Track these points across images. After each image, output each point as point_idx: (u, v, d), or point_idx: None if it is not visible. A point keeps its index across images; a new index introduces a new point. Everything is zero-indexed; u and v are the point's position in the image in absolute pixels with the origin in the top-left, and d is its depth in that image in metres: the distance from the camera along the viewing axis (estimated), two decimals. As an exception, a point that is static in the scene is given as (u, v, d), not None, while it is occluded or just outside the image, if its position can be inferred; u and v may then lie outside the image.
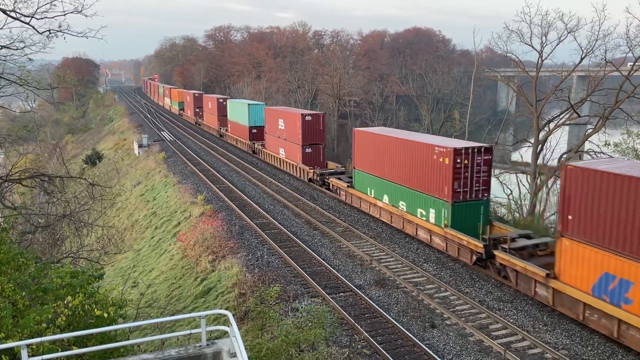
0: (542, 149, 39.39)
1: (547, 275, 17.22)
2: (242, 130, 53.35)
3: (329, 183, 34.91)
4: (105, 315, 10.29)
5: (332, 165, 38.68)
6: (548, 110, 48.71)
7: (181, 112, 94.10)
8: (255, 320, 17.29)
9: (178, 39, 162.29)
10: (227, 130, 60.30)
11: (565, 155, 39.50)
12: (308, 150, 38.54)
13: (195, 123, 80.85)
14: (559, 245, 16.82)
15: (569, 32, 38.40)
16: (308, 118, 38.36)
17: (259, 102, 54.96)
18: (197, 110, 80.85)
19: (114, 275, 31.05)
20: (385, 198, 27.57)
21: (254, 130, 50.54)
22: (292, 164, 40.59)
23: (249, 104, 50.65)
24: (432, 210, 23.66)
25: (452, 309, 17.98)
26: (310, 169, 37.52)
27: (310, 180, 37.70)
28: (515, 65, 45.36)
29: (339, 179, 33.64)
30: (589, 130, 38.79)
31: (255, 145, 49.89)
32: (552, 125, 41.23)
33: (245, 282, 20.75)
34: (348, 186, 31.61)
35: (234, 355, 8.62)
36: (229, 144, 59.55)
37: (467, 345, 15.65)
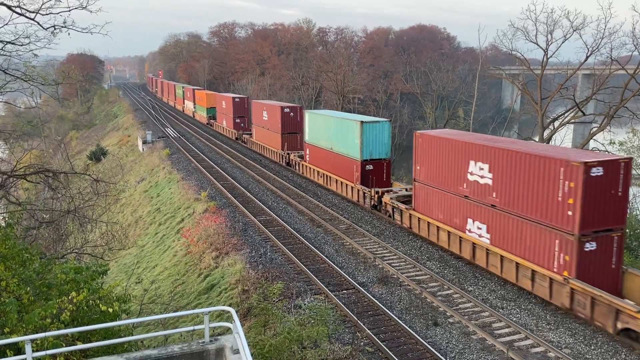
0: (546, 147, 39.20)
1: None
2: (343, 165, 32.66)
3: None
4: (110, 310, 10.33)
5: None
6: (553, 109, 48.61)
7: (211, 121, 72.95)
8: (258, 317, 17.32)
9: (182, 35, 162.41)
10: (300, 157, 40.78)
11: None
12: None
13: (237, 139, 59.67)
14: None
15: (574, 30, 38.27)
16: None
17: (378, 119, 32.30)
18: (239, 121, 59.93)
19: (118, 271, 31.17)
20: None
21: (368, 167, 30.53)
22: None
23: (361, 122, 30.12)
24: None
25: (455, 307, 17.97)
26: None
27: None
28: (520, 63, 45.20)
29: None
30: (594, 129, 38.65)
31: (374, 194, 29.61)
32: (556, 123, 41.11)
33: (248, 278, 20.79)
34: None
35: (236, 351, 8.64)
36: (312, 182, 37.89)
37: (470, 344, 15.65)
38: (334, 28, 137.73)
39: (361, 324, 16.64)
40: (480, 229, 20.83)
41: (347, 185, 32.31)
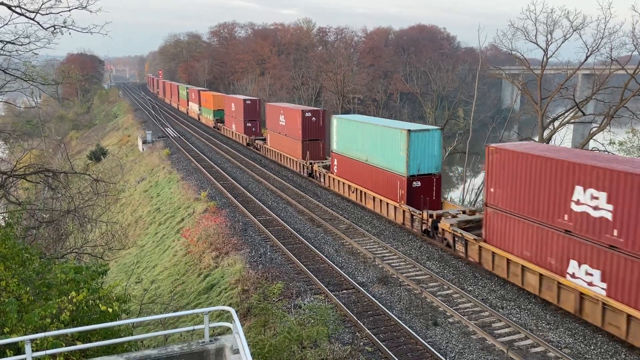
0: (546, 147, 39.22)
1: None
2: (382, 181, 28.11)
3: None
4: (110, 310, 10.33)
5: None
6: (553, 109, 48.63)
7: (219, 124, 68.17)
8: (258, 317, 17.33)
9: (182, 35, 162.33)
10: (326, 169, 36.18)
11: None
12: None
13: (248, 144, 54.93)
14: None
15: (574, 30, 38.28)
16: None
17: (427, 127, 28.14)
18: (250, 125, 55.34)
19: (118, 271, 31.17)
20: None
21: (416, 184, 26.11)
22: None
23: (408, 131, 25.53)
24: None
25: (454, 307, 17.97)
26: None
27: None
28: (520, 63, 45.21)
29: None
30: (594, 129, 38.67)
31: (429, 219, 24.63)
32: (556, 123, 41.12)
33: (248, 278, 20.80)
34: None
35: (236, 351, 8.64)
36: (341, 198, 33.01)
37: (470, 343, 15.65)
38: (333, 28, 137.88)
39: (361, 323, 16.64)
40: (590, 275, 16.15)
41: (388, 204, 27.38)
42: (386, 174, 27.59)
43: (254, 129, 55.36)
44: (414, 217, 25.29)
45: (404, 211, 26.15)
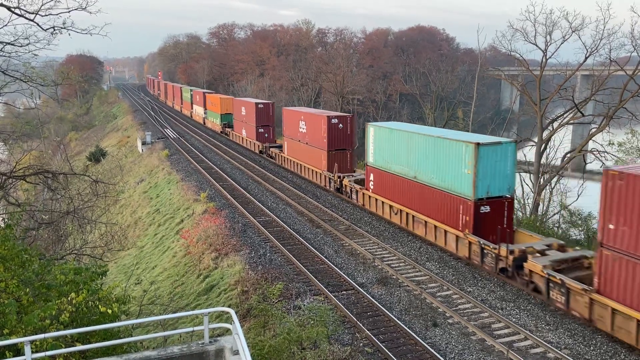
0: (545, 148, 39.36)
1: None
2: (437, 203, 23.43)
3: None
4: (109, 312, 10.33)
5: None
6: (552, 110, 48.66)
7: (227, 130, 63.44)
8: (257, 318, 17.33)
9: (182, 36, 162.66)
10: (360, 184, 31.28)
11: (569, 155, 39.43)
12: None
13: (261, 152, 49.75)
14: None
15: (573, 31, 38.34)
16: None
17: (498, 139, 22.97)
18: (263, 131, 50.19)
19: (117, 272, 31.15)
20: None
21: (484, 209, 21.34)
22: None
23: (477, 144, 20.91)
24: None
25: (454, 308, 17.98)
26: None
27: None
28: (519, 64, 45.28)
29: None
30: (593, 130, 38.72)
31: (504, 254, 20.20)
32: (555, 124, 41.16)
33: (247, 279, 20.79)
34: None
35: (236, 352, 8.65)
36: (378, 218, 28.67)
37: (469, 344, 15.65)
38: (333, 29, 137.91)
39: (360, 324, 16.64)
40: None
41: (446, 232, 22.60)
42: (443, 195, 22.66)
43: (266, 135, 50.35)
44: (486, 251, 20.34)
45: (470, 243, 21.05)
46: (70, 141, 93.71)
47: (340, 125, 34.75)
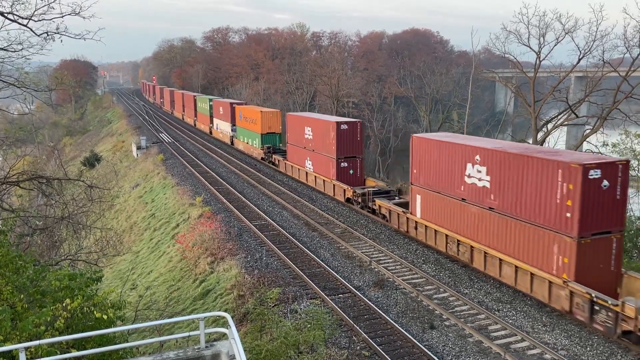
0: (540, 149, 39.38)
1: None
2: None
3: None
4: (104, 317, 10.27)
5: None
6: (546, 111, 48.84)
7: (274, 157, 44.92)
8: (254, 322, 17.27)
9: (176, 40, 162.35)
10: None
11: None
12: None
13: (349, 201, 32.02)
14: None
15: (566, 33, 38.52)
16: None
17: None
18: (347, 165, 33.33)
19: (113, 278, 31.01)
20: None
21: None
22: None
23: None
24: None
25: (451, 310, 17.97)
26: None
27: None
28: (513, 66, 45.45)
29: None
30: (587, 131, 38.88)
31: None
32: (550, 125, 41.32)
33: (244, 283, 20.74)
34: None
35: (232, 357, 8.60)
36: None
37: (467, 346, 15.65)
38: (327, 32, 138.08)
39: (357, 327, 16.61)
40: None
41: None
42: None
43: (352, 172, 33.64)
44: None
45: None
46: (65, 146, 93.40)
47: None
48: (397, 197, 29.20)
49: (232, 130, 58.15)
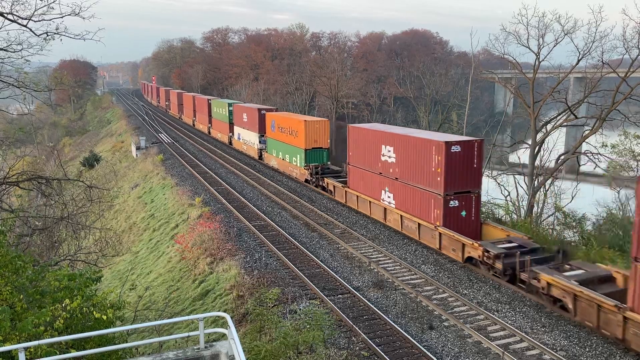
0: (539, 150, 39.46)
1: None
2: None
3: None
4: (104, 317, 10.28)
5: None
6: (545, 112, 48.84)
7: (326, 180, 35.13)
8: (253, 323, 17.28)
9: (176, 41, 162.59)
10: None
11: (562, 157, 39.60)
12: None
13: (464, 260, 22.51)
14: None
15: (565, 34, 38.51)
16: None
17: None
18: (457, 203, 23.39)
19: (112, 278, 31.01)
20: None
21: None
22: None
23: None
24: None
25: (450, 311, 17.98)
26: None
27: None
28: (512, 66, 45.43)
29: None
30: (586, 132, 38.88)
31: None
32: (549, 126, 41.31)
33: (243, 284, 20.74)
34: None
35: (232, 357, 8.61)
36: None
37: (466, 347, 15.66)
38: (327, 33, 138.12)
39: (357, 328, 16.61)
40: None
41: None
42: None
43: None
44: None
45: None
46: (64, 146, 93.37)
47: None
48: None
49: (259, 142, 48.48)
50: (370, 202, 28.92)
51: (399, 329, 16.54)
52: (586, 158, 37.21)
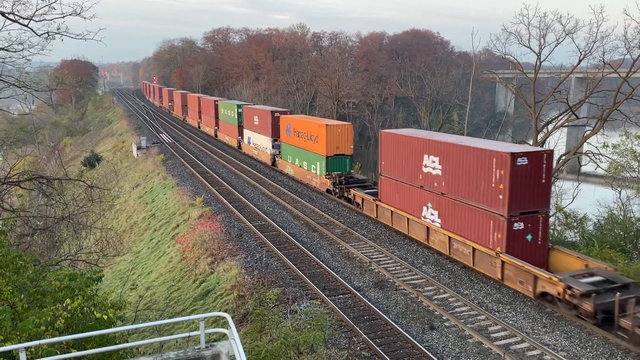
0: (540, 150, 39.37)
1: None
2: None
3: None
4: (105, 317, 10.28)
5: None
6: (546, 112, 48.86)
7: (353, 191, 31.37)
8: (254, 323, 17.28)
9: (177, 41, 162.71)
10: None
11: (564, 157, 39.59)
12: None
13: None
14: None
15: (567, 34, 38.52)
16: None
17: None
18: (522, 225, 19.62)
19: (113, 278, 31.02)
20: None
21: None
22: None
23: None
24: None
25: (451, 311, 17.97)
26: None
27: None
28: (513, 67, 45.45)
29: None
30: (588, 132, 38.87)
31: None
32: (550, 126, 41.31)
33: (244, 284, 20.74)
34: None
35: (232, 357, 8.61)
36: None
37: (467, 347, 15.65)
38: (328, 33, 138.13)
39: (357, 328, 16.61)
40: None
41: None
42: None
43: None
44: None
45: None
46: (65, 146, 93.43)
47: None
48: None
49: (273, 146, 44.89)
50: (408, 219, 25.16)
51: (399, 329, 16.53)
52: (587, 158, 37.20)
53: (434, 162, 23.16)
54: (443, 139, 23.01)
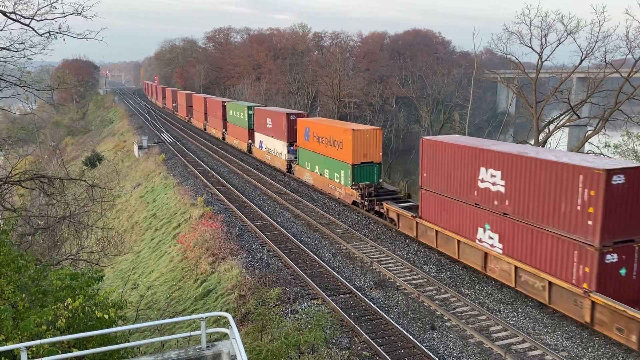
0: (542, 150, 39.39)
1: None
2: None
3: None
4: (106, 317, 10.28)
5: None
6: (548, 112, 48.83)
7: (379, 204, 29.01)
8: (255, 322, 17.28)
9: (178, 40, 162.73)
10: None
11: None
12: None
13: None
14: None
15: (568, 34, 38.52)
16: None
17: None
18: (616, 257, 15.87)
19: (114, 277, 31.05)
20: None
21: None
22: None
23: None
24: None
25: (452, 311, 17.96)
26: None
27: None
28: (515, 66, 45.43)
29: None
30: (589, 132, 38.86)
31: None
32: (552, 126, 41.31)
33: (245, 284, 20.75)
34: None
35: (234, 357, 8.61)
36: None
37: (468, 347, 15.64)
38: (329, 33, 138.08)
39: (358, 328, 16.60)
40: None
41: None
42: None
43: None
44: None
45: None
46: (67, 146, 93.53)
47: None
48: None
49: (289, 151, 41.50)
50: (458, 241, 21.54)
51: (400, 329, 16.53)
52: (589, 158, 37.10)
53: (493, 176, 19.71)
54: (506, 149, 19.49)
